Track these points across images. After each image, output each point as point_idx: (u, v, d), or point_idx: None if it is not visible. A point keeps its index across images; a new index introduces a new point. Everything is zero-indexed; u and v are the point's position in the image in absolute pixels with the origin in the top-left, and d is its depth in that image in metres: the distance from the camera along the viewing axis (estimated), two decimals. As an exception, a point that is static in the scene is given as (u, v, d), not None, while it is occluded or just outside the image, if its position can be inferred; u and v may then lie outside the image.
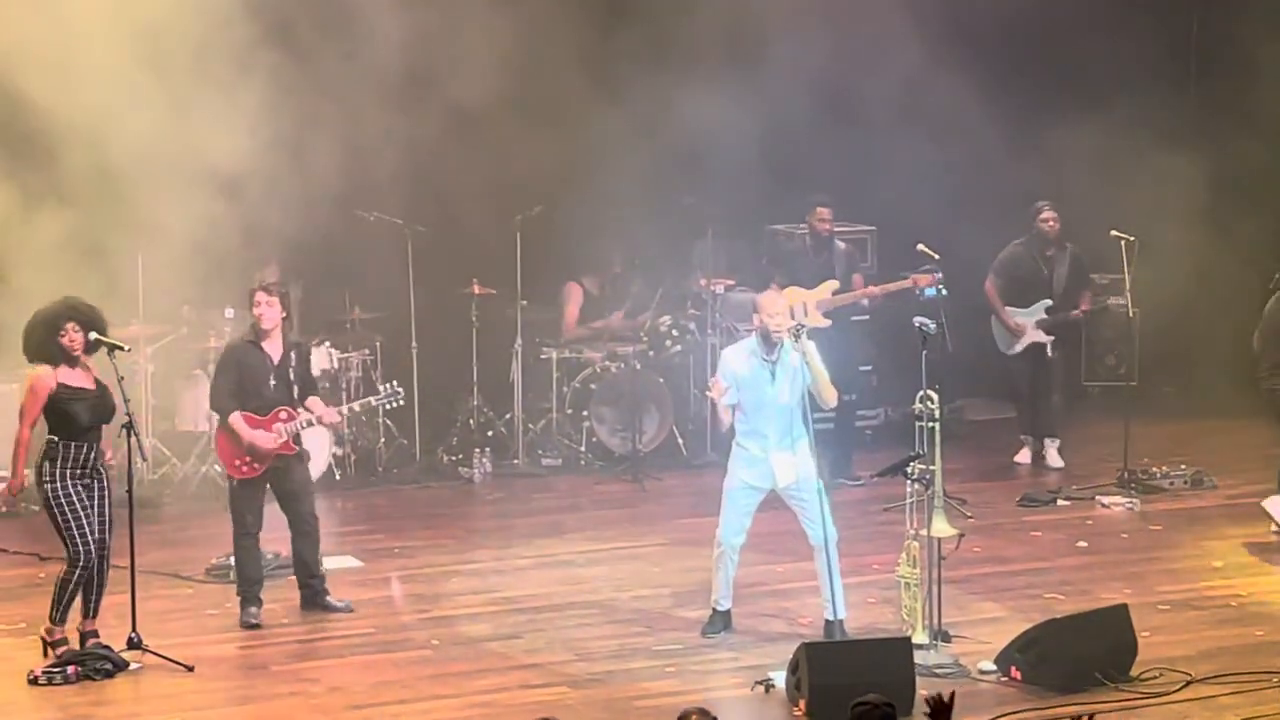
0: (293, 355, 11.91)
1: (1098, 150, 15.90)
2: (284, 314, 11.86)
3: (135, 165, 12.82)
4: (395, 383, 12.73)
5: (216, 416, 12.05)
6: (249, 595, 11.93)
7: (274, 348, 11.83)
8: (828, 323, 14.62)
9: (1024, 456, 15.55)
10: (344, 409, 12.31)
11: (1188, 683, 10.70)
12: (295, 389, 11.86)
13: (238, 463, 11.87)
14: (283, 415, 11.79)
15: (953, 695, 7.22)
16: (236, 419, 11.72)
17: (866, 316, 15.43)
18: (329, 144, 13.58)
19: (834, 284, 14.85)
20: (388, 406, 13.11)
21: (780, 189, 16.19)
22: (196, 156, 13.00)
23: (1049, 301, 15.35)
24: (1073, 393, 16.22)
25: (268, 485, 11.92)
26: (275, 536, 12.23)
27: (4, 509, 13.16)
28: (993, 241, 15.63)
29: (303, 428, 11.88)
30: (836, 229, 15.64)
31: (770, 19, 15.48)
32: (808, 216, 15.22)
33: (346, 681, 11.09)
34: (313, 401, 11.94)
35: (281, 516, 12.04)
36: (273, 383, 11.81)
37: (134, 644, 11.16)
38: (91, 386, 11.07)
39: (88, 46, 12.82)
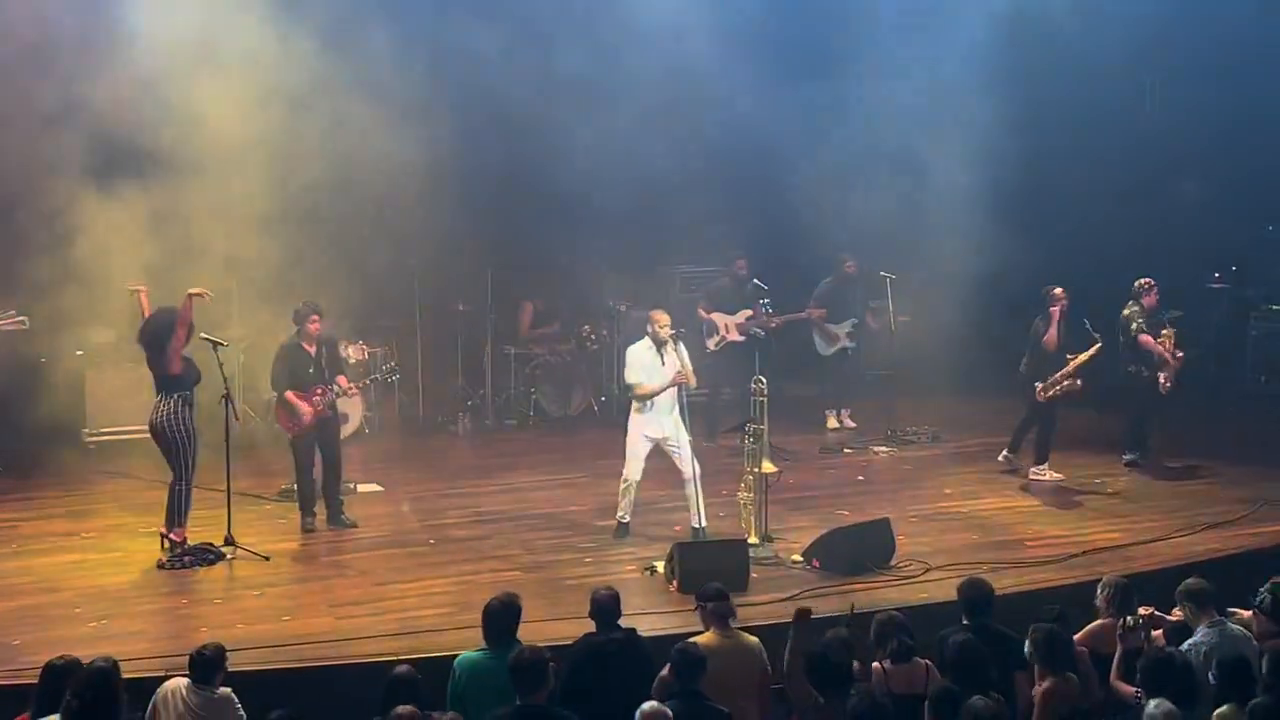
0: (324, 348, 11.90)
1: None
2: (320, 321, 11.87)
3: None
4: (394, 363, 12.79)
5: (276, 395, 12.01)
6: (306, 509, 11.89)
7: (312, 346, 11.83)
8: (743, 338, 14.56)
9: (833, 422, 15.34)
10: (360, 383, 12.28)
11: (927, 569, 10.82)
12: (326, 371, 11.83)
13: (291, 425, 11.85)
14: (319, 390, 11.77)
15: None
16: (289, 395, 11.72)
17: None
18: (363, 214, 13.51)
19: (749, 312, 14.71)
20: (389, 380, 13.07)
21: (662, 241, 16.17)
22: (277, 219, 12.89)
23: (855, 319, 15.23)
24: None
25: (317, 433, 11.89)
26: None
27: None
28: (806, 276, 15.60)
29: (335, 397, 11.86)
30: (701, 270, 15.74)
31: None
32: (731, 265, 14.92)
33: (372, 567, 11.08)
34: (340, 378, 11.93)
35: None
36: (310, 370, 11.80)
37: (229, 541, 11.14)
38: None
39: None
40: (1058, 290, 13.40)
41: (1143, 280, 13.74)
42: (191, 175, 12.42)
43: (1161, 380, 13.45)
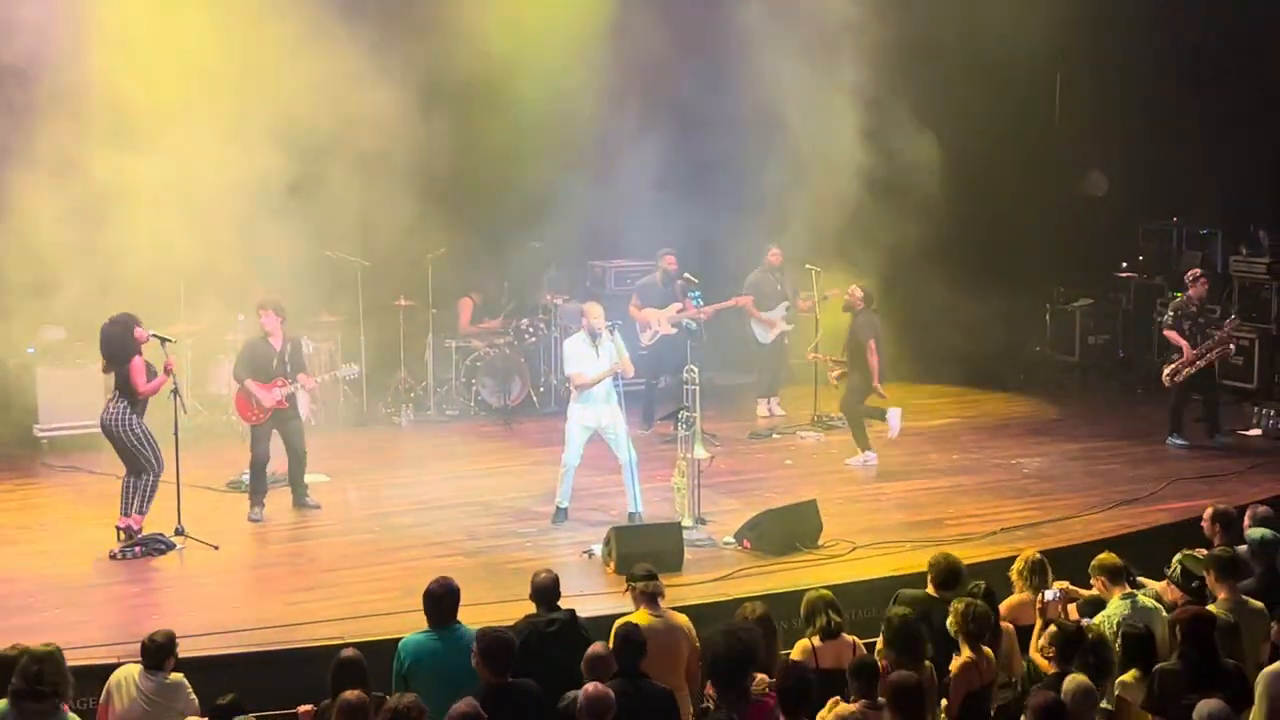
0: (289, 346, 11.86)
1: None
2: (282, 320, 11.82)
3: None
4: (354, 364, 12.76)
5: (237, 385, 11.96)
6: (255, 500, 11.81)
7: (276, 341, 11.80)
8: (674, 330, 14.50)
9: (763, 410, 15.29)
10: (319, 378, 12.25)
11: (854, 548, 10.87)
12: (289, 367, 11.79)
13: (249, 414, 11.79)
14: (279, 383, 11.71)
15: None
16: (249, 383, 11.71)
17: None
18: (305, 206, 13.29)
19: (678, 305, 14.70)
20: (347, 379, 13.07)
21: (597, 237, 16.14)
22: (222, 215, 12.72)
23: (786, 303, 15.25)
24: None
25: (274, 429, 11.81)
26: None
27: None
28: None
29: (294, 390, 11.82)
30: (634, 264, 15.73)
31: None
32: (659, 260, 14.89)
33: (318, 554, 11.02)
34: (302, 376, 11.90)
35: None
36: (274, 364, 11.76)
37: (179, 532, 11.03)
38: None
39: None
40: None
41: (1190, 271, 14.10)
42: (130, 173, 12.24)
43: (1166, 370, 13.86)
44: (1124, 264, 17.55)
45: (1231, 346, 13.83)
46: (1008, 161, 16.75)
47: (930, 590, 8.36)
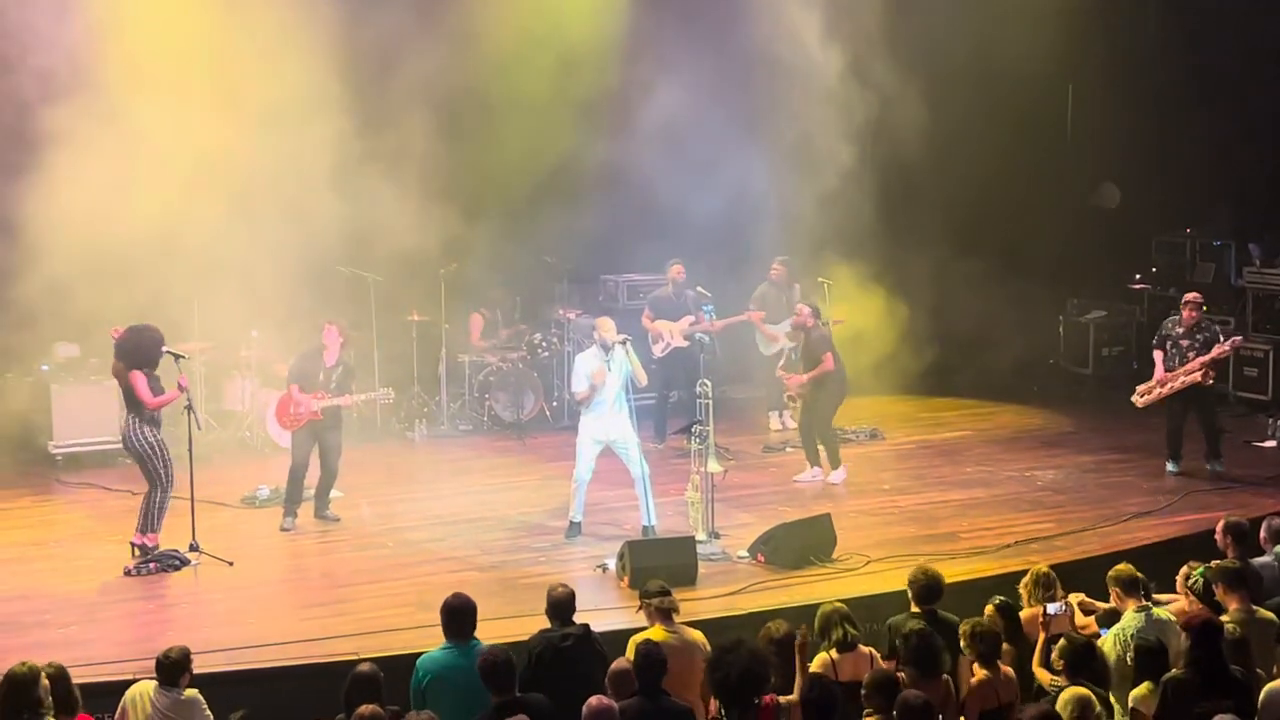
0: (340, 368, 12.05)
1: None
2: (342, 341, 12.08)
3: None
4: (390, 389, 12.79)
5: (272, 395, 12.33)
6: (288, 510, 11.93)
7: (330, 357, 12.02)
8: (687, 343, 14.45)
9: (775, 423, 15.31)
10: (356, 398, 12.32)
11: (868, 562, 10.85)
12: (335, 386, 11.94)
13: (286, 417, 12.06)
14: (318, 395, 11.87)
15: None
16: (294, 389, 11.91)
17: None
18: (320, 227, 13.31)
19: (690, 318, 14.73)
20: (381, 402, 13.12)
21: (611, 251, 16.16)
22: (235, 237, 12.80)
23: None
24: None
25: (315, 440, 11.96)
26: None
27: None
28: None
29: (332, 404, 11.93)
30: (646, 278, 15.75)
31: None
32: (668, 272, 14.90)
33: (332, 569, 11.04)
34: (344, 396, 12.06)
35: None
36: (320, 377, 11.93)
37: (194, 547, 11.05)
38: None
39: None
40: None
41: (1188, 294, 13.45)
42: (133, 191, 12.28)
43: (1138, 391, 13.28)
44: (1137, 276, 17.53)
45: (1199, 375, 12.85)
46: (1020, 174, 16.75)
47: (914, 608, 8.30)
